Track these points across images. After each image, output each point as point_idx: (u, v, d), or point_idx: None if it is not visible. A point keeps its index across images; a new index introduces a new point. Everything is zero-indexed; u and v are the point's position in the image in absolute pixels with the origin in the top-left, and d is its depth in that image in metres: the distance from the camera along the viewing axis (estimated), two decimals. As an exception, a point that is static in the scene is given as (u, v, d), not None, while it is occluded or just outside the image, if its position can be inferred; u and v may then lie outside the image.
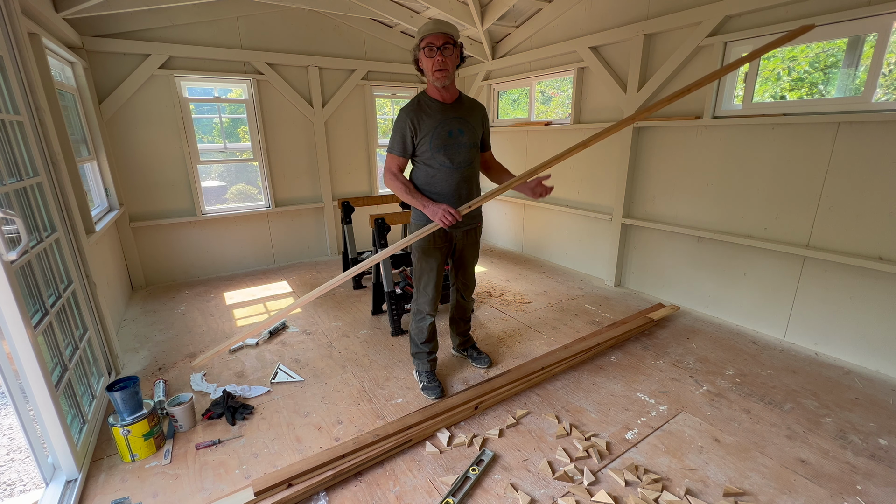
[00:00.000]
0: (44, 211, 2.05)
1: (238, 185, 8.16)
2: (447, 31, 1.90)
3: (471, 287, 2.49)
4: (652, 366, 2.60)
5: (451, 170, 2.08)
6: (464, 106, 2.10)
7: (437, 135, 2.02)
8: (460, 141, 2.06)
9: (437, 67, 1.92)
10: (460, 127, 2.06)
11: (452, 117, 2.04)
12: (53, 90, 2.51)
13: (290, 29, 4.31)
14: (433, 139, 2.02)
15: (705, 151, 3.14)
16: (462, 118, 2.07)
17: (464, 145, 2.08)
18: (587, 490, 1.68)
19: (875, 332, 2.50)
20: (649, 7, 3.27)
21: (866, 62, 2.44)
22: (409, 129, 2.01)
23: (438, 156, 2.04)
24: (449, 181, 2.09)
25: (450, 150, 2.05)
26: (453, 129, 2.04)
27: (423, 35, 1.91)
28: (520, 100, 5.25)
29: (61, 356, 1.92)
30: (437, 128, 2.02)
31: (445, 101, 2.05)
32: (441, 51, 1.90)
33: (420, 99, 2.05)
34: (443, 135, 2.03)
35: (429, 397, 2.29)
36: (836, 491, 1.68)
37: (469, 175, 2.13)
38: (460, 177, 2.10)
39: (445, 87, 2.01)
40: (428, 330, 2.36)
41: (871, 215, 2.43)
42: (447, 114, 2.04)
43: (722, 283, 3.21)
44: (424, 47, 1.91)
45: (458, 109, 2.07)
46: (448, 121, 2.03)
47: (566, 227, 4.46)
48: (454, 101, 2.07)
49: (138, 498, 1.69)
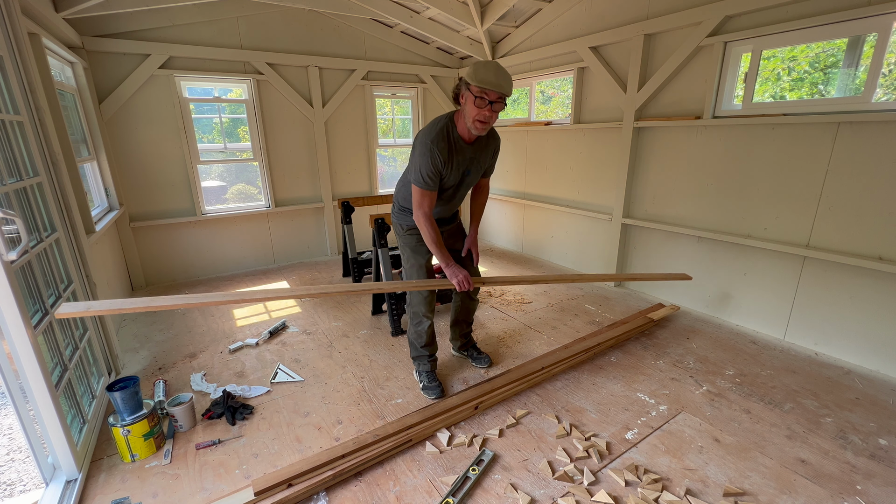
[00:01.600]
0: (44, 211, 2.05)
1: (238, 185, 8.15)
2: (504, 91, 1.80)
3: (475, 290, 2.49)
4: (652, 366, 2.60)
5: (453, 200, 2.18)
6: (481, 144, 2.05)
7: (453, 176, 2.03)
8: (467, 181, 2.13)
9: (482, 120, 1.85)
10: (471, 167, 2.07)
11: (470, 157, 2.03)
12: (53, 90, 2.51)
13: (290, 29, 4.31)
14: (451, 179, 2.03)
15: (705, 151, 3.14)
16: (476, 158, 2.06)
17: (469, 184, 2.17)
18: (587, 490, 1.68)
19: (875, 332, 2.50)
20: (649, 7, 3.28)
21: (866, 62, 2.44)
22: (441, 162, 1.92)
23: (444, 192, 2.09)
24: (444, 208, 2.20)
25: (459, 188, 2.13)
26: (469, 168, 2.06)
27: (481, 84, 1.77)
28: (520, 100, 5.25)
29: (61, 356, 1.92)
30: (455, 169, 2.00)
31: (468, 142, 2.00)
32: (492, 105, 1.82)
33: (448, 131, 1.94)
34: (457, 175, 2.05)
35: (429, 397, 2.29)
36: (836, 491, 1.68)
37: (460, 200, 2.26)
38: (456, 202, 2.24)
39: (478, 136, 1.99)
40: (427, 334, 2.35)
41: (871, 215, 2.43)
42: (467, 154, 2.02)
43: (722, 283, 3.21)
44: (478, 97, 1.79)
45: (475, 149, 2.04)
46: (465, 161, 2.02)
47: (566, 227, 4.46)
48: (475, 141, 2.02)
49: (138, 498, 1.69)
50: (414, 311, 2.32)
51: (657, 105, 3.40)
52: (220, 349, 2.88)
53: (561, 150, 4.34)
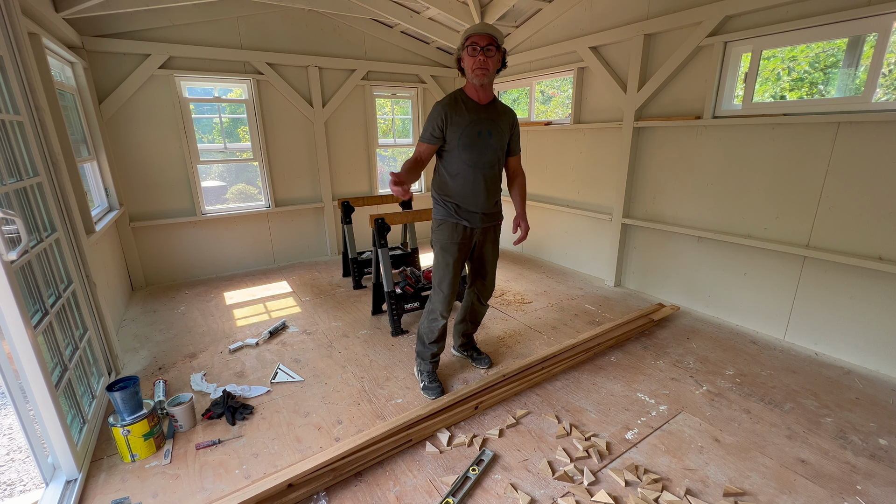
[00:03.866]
0: (44, 211, 2.05)
1: (238, 185, 8.16)
2: (492, 33, 1.96)
3: (490, 290, 2.45)
4: (652, 366, 2.60)
5: (474, 170, 2.11)
6: (496, 109, 2.13)
7: (467, 133, 2.05)
8: (488, 142, 2.10)
9: (478, 66, 1.96)
10: (490, 129, 2.09)
11: (484, 118, 2.08)
12: (53, 90, 2.51)
13: (290, 29, 4.31)
14: (462, 137, 2.05)
15: (705, 151, 3.14)
16: (493, 121, 2.10)
17: (490, 147, 2.11)
18: (587, 490, 1.68)
19: (875, 332, 2.50)
20: (649, 7, 3.28)
21: (866, 62, 2.44)
22: (441, 119, 2.04)
23: (464, 154, 2.08)
24: (470, 181, 2.13)
25: (476, 150, 2.08)
26: (483, 129, 2.07)
27: (468, 34, 1.96)
28: (520, 100, 5.25)
29: (61, 356, 1.92)
30: (467, 126, 2.05)
31: (480, 102, 2.09)
32: (484, 51, 1.95)
33: (457, 95, 2.09)
34: (472, 134, 2.06)
35: (429, 397, 2.29)
36: (836, 491, 1.68)
37: (491, 177, 2.17)
38: (482, 177, 2.13)
39: (482, 87, 2.04)
40: (439, 331, 2.34)
41: (871, 215, 2.43)
42: (479, 114, 2.07)
43: (722, 283, 3.21)
44: (469, 46, 1.96)
45: (490, 112, 2.10)
46: (479, 121, 2.07)
47: (566, 227, 4.46)
48: (488, 104, 2.11)
49: (138, 498, 1.69)
50: (432, 308, 2.31)
51: (657, 105, 3.40)
52: (220, 349, 2.88)
53: (561, 150, 4.34)
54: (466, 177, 2.12)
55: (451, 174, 2.13)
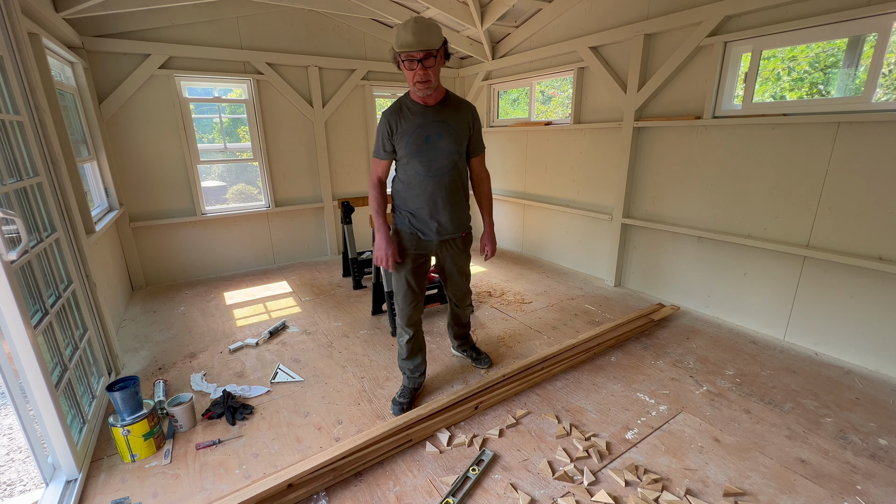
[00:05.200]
0: (44, 211, 2.05)
1: (238, 185, 8.16)
2: (427, 47, 1.70)
3: (463, 297, 2.35)
4: (652, 366, 2.60)
5: (427, 178, 1.95)
6: (448, 107, 1.94)
7: (413, 140, 1.89)
8: (438, 147, 1.92)
9: (418, 79, 1.78)
10: (440, 131, 1.90)
11: (433, 121, 1.90)
12: (53, 90, 2.51)
13: (290, 29, 4.31)
14: (408, 144, 1.90)
15: (705, 151, 3.14)
16: (444, 121, 1.91)
17: (443, 151, 1.92)
18: (587, 490, 1.68)
19: (875, 332, 2.50)
20: (649, 7, 3.28)
21: (866, 62, 2.44)
22: (387, 129, 1.91)
23: (414, 162, 1.93)
24: (424, 190, 1.97)
25: (425, 156, 1.92)
26: (431, 133, 1.89)
27: (401, 49, 1.71)
28: (520, 100, 5.25)
29: (61, 356, 1.92)
30: (414, 132, 1.89)
31: (427, 104, 1.91)
32: (422, 63, 1.73)
33: (401, 101, 1.94)
34: (418, 140, 1.89)
35: (391, 410, 2.20)
36: (836, 491, 1.68)
37: (448, 183, 1.99)
38: (436, 185, 1.97)
39: (426, 96, 1.89)
40: (407, 347, 2.23)
41: (871, 215, 2.43)
42: (427, 117, 1.90)
43: (722, 283, 3.21)
44: (404, 59, 1.75)
45: (441, 111, 1.92)
46: (427, 125, 1.90)
47: (566, 227, 4.46)
48: (438, 103, 1.92)
49: (138, 498, 1.69)
50: (396, 322, 2.25)
51: (657, 105, 3.40)
52: (220, 349, 2.88)
53: (561, 150, 4.34)
54: (420, 186, 1.96)
55: (405, 183, 2.01)
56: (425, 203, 1.99)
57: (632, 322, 3.01)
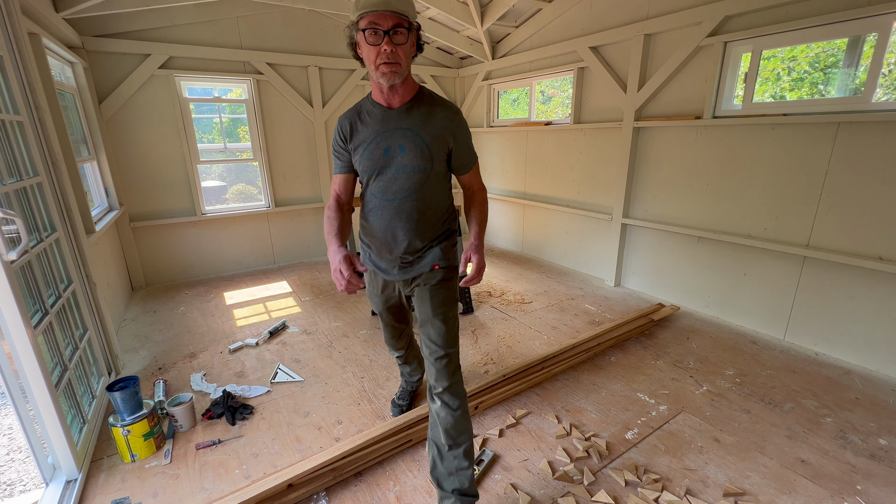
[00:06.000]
0: (44, 211, 2.05)
1: (238, 185, 8.16)
2: (398, 10, 1.27)
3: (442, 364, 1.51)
4: (652, 366, 2.60)
5: (384, 203, 1.49)
6: (419, 110, 1.45)
7: (369, 153, 1.45)
8: (400, 162, 1.44)
9: (384, 60, 1.31)
10: (403, 142, 1.43)
11: (395, 129, 1.44)
12: (53, 90, 2.51)
13: (290, 29, 4.31)
14: (363, 159, 1.46)
15: (705, 151, 3.14)
16: (411, 129, 1.43)
17: (405, 169, 1.44)
18: (587, 490, 1.68)
19: (875, 332, 2.50)
20: (649, 7, 3.27)
21: (866, 62, 2.44)
22: (339, 136, 1.51)
23: (372, 183, 1.50)
24: (381, 218, 1.51)
25: (383, 174, 1.46)
26: (392, 145, 1.44)
27: (363, 10, 1.27)
28: (520, 100, 5.25)
29: (61, 356, 1.92)
30: (370, 143, 1.45)
31: (391, 106, 1.45)
32: (389, 36, 1.29)
33: (361, 103, 1.52)
34: (375, 154, 1.45)
35: (391, 412, 2.20)
36: (836, 491, 1.68)
37: (411, 210, 1.48)
38: (394, 213, 1.48)
39: (392, 87, 1.39)
40: (398, 361, 2.19)
41: (871, 215, 2.43)
42: (389, 123, 1.44)
43: (722, 283, 3.21)
44: (366, 29, 1.29)
45: (407, 116, 1.45)
46: (388, 133, 1.44)
47: (566, 227, 4.46)
48: (405, 105, 1.45)
49: (138, 498, 1.69)
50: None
51: (657, 105, 3.40)
52: (220, 349, 2.88)
53: (561, 150, 4.34)
54: (377, 212, 1.51)
55: (366, 209, 1.57)
56: (383, 232, 1.52)
57: (632, 322, 3.01)
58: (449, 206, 1.60)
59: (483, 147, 5.36)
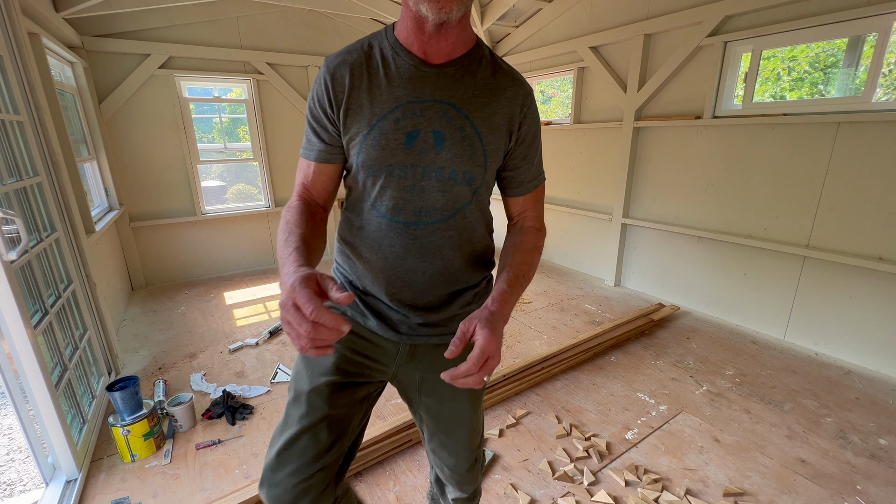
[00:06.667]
0: (44, 211, 2.05)
1: (238, 184, 8.16)
2: None
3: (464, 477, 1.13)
4: (652, 366, 2.60)
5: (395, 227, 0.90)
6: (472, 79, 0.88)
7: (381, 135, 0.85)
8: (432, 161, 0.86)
9: None
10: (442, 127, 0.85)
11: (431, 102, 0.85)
12: (53, 90, 2.51)
13: (290, 29, 4.31)
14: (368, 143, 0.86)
15: (705, 151, 3.14)
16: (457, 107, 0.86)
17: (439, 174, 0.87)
18: (587, 490, 1.68)
19: (875, 332, 2.50)
20: (649, 7, 3.27)
21: (866, 62, 2.44)
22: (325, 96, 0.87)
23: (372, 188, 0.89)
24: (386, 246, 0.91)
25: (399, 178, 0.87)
26: (422, 128, 0.85)
27: None
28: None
29: (61, 356, 1.92)
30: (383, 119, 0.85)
31: (428, 61, 0.86)
32: None
33: (374, 42, 0.88)
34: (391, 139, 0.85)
35: None
36: (836, 491, 1.68)
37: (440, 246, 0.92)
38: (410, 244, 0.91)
39: (441, 28, 0.80)
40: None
41: (871, 215, 2.43)
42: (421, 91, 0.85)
43: (722, 283, 3.21)
44: None
45: (453, 85, 0.86)
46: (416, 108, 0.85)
47: (566, 227, 4.46)
48: (452, 63, 0.87)
49: (138, 498, 1.69)
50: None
51: (657, 105, 3.40)
52: (220, 349, 2.88)
53: (561, 150, 4.34)
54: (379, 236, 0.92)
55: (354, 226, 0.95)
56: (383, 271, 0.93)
57: (632, 322, 3.01)
58: (483, 248, 1.02)
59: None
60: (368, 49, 0.87)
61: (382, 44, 0.88)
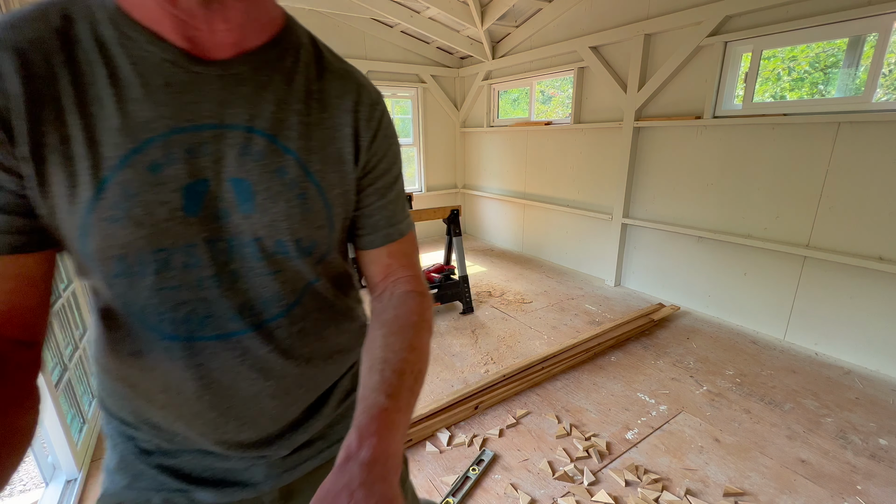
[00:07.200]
0: (44, 211, 2.05)
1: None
2: None
3: None
4: (652, 366, 2.60)
5: (206, 347, 0.52)
6: (288, 81, 0.53)
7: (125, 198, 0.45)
8: (239, 231, 0.51)
9: None
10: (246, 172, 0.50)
11: (214, 126, 0.48)
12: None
13: (290, 29, 4.30)
14: (95, 220, 0.45)
15: (705, 151, 3.14)
16: (266, 133, 0.51)
17: (251, 249, 0.52)
18: (587, 490, 1.68)
19: (875, 332, 2.50)
20: (649, 7, 3.27)
21: (866, 62, 2.44)
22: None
23: (128, 290, 0.49)
24: (200, 383, 0.53)
25: (188, 272, 0.49)
26: (209, 175, 0.48)
27: None
28: (520, 99, 5.25)
29: (61, 356, 1.92)
30: (124, 164, 0.44)
31: (197, 52, 0.47)
32: None
33: (74, 13, 0.44)
34: (153, 202, 0.46)
35: None
36: (836, 491, 1.68)
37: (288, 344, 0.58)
38: (242, 360, 0.55)
39: None
40: None
41: (871, 215, 2.43)
42: (193, 104, 0.47)
43: (722, 283, 3.21)
44: None
45: (256, 91, 0.50)
46: (190, 139, 0.47)
47: (566, 227, 4.46)
48: (246, 56, 0.50)
49: (138, 498, 1.68)
50: None
51: (657, 105, 3.40)
52: (220, 349, 2.87)
53: (561, 150, 4.34)
54: (184, 364, 0.52)
55: (122, 350, 0.54)
56: (198, 415, 0.56)
57: (632, 322, 3.01)
58: (358, 299, 0.78)
59: (483, 147, 5.36)
60: (63, 23, 0.44)
61: (94, 17, 0.45)
